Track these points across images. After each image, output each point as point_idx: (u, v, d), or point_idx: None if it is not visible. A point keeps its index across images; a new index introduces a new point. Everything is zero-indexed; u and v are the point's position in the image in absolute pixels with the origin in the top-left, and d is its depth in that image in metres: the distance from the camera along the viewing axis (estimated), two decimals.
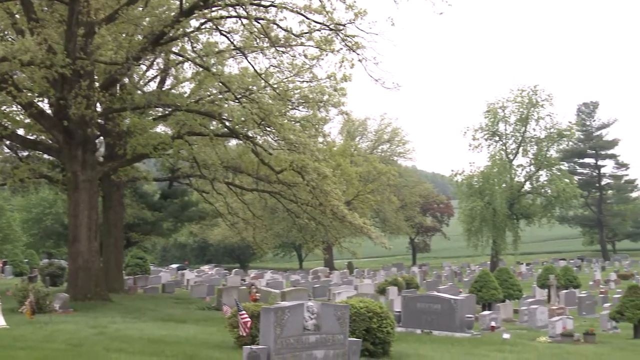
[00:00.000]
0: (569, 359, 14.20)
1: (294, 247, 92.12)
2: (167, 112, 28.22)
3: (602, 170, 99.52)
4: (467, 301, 24.92)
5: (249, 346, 10.35)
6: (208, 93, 27.31)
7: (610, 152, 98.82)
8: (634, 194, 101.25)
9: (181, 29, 22.59)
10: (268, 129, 26.09)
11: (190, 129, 27.23)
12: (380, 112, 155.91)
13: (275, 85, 26.16)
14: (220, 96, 26.01)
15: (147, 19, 24.17)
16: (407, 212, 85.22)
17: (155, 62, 30.48)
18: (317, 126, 30.36)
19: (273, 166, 28.96)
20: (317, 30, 23.86)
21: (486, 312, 25.28)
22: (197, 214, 44.93)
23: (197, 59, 24.09)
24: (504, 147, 66.12)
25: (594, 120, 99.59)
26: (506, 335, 20.01)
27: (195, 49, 23.92)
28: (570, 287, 40.25)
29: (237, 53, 25.14)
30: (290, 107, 28.86)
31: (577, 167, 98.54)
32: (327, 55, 24.84)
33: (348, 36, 23.49)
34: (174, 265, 71.32)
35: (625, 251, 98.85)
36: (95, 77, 25.77)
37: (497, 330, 22.59)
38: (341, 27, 23.41)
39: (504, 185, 63.35)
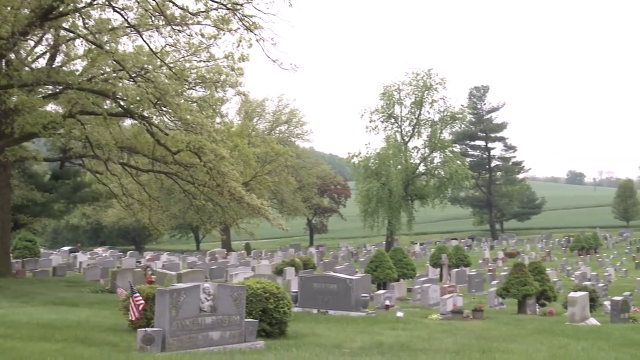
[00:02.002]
0: (458, 334, 14.74)
1: (191, 228, 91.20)
2: (57, 90, 27.18)
3: (492, 153, 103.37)
4: (363, 281, 25.37)
5: (143, 329, 10.24)
6: (101, 71, 26.49)
7: (499, 134, 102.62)
8: (520, 176, 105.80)
9: (71, 4, 21.74)
10: (164, 109, 25.63)
11: (83, 108, 26.39)
12: (278, 93, 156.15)
13: (172, 65, 25.67)
14: (114, 75, 25.28)
15: None
16: (305, 194, 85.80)
17: (44, 38, 29.26)
18: (214, 107, 30.07)
19: (169, 147, 28.50)
20: (214, 9, 23.54)
21: (381, 292, 25.85)
22: (90, 195, 43.70)
23: (89, 35, 23.26)
24: (399, 130, 67.37)
25: (485, 104, 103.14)
26: (400, 314, 20.55)
27: (87, 25, 23.07)
28: (461, 266, 41.72)
29: (132, 31, 24.48)
30: (187, 87, 28.43)
31: (469, 149, 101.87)
32: (224, 34, 24.62)
33: (245, 16, 23.32)
34: (66, 248, 69.26)
35: (512, 230, 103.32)
36: None
37: (392, 308, 23.18)
38: (238, 7, 23.21)
39: (399, 167, 64.57)
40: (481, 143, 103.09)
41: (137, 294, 11.95)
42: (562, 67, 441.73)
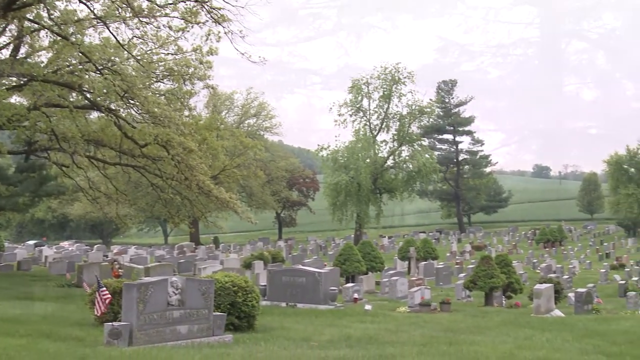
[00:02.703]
0: (426, 326, 14.87)
1: (158, 222, 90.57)
2: (22, 82, 26.77)
3: (460, 146, 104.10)
4: (331, 274, 25.43)
5: (110, 323, 10.16)
6: (67, 63, 26.13)
7: (466, 128, 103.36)
8: (487, 169, 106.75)
9: None
10: (131, 101, 25.39)
11: (48, 100, 26.04)
12: (246, 86, 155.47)
13: (139, 57, 25.42)
14: (81, 67, 24.97)
15: None
16: (274, 187, 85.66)
17: (7, 29, 28.75)
18: (182, 100, 29.85)
19: (137, 140, 28.26)
20: (182, 1, 23.35)
21: (349, 285, 25.94)
22: (56, 188, 43.14)
23: (54, 27, 22.92)
24: (368, 123, 67.61)
25: (452, 98, 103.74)
26: (368, 307, 20.65)
27: (52, 16, 22.75)
28: (429, 259, 41.98)
29: (98, 22, 24.16)
30: (154, 79, 28.17)
31: (437, 143, 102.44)
32: (192, 27, 24.41)
33: (214, 8, 23.16)
34: (31, 242, 68.39)
35: (479, 223, 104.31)
36: None
37: (360, 302, 23.28)
38: None
39: (368, 160, 64.81)
40: (449, 137, 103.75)
41: (104, 288, 11.86)
42: (528, 64, 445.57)
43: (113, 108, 26.38)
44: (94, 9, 23.12)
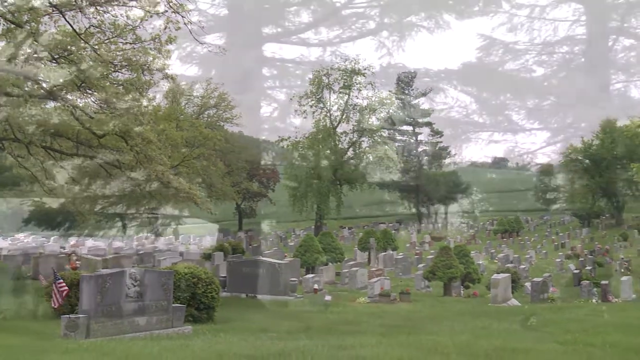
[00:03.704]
0: (385, 316, 15.01)
1: (117, 213, 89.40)
2: None
3: (419, 138, 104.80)
4: (291, 265, 25.50)
5: (67, 315, 10.05)
6: (22, 52, 25.62)
7: (426, 120, 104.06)
8: (447, 161, 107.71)
9: None
10: (89, 91, 25.03)
11: (2, 90, 25.51)
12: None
13: (96, 47, 25.03)
14: (36, 56, 24.50)
15: None
16: (234, 178, 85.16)
17: None
18: (141, 90, 29.50)
19: (95, 130, 27.88)
20: None
21: (309, 275, 26.03)
22: (11, 179, 42.39)
23: (7, 14, 22.46)
24: (328, 114, 67.68)
25: (412, 90, 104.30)
26: (328, 297, 20.76)
27: (4, 3, 22.29)
28: (389, 250, 42.26)
29: (54, 11, 23.73)
30: (112, 69, 27.77)
31: (397, 134, 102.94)
32: (151, 16, 24.14)
33: None
34: None
35: (439, 214, 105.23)
36: None
37: (320, 292, 23.37)
38: None
39: (328, 151, 64.92)
40: (409, 128, 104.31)
41: (61, 280, 11.72)
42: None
43: (70, 98, 25.96)
44: None
